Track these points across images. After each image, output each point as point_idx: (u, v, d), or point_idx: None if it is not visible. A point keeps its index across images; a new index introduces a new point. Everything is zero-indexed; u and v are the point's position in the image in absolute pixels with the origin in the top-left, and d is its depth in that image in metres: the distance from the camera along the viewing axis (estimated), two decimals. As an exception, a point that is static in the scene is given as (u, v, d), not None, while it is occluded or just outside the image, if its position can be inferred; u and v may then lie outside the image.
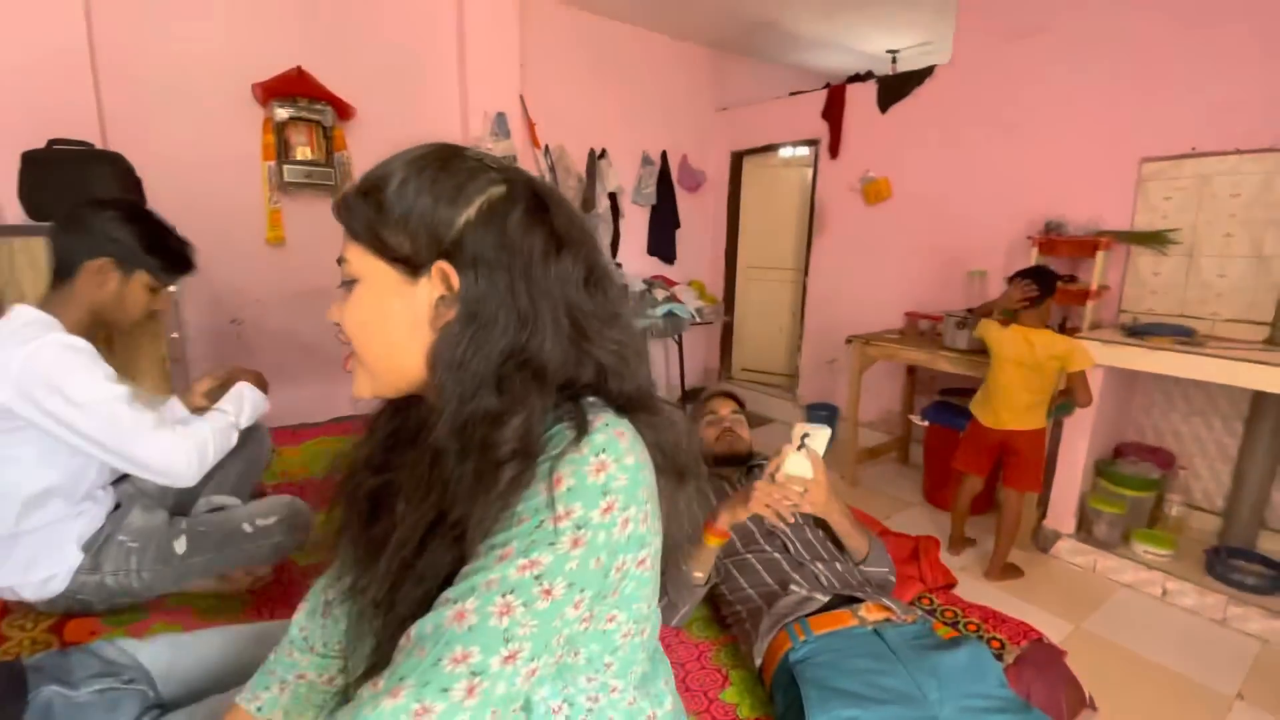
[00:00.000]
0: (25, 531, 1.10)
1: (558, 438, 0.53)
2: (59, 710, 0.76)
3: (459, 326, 0.54)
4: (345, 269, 0.58)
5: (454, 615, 0.49)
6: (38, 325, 1.08)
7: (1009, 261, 2.97)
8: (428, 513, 0.56)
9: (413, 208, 0.54)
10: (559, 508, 0.50)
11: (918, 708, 0.89)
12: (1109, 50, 2.57)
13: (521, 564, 0.49)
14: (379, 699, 0.47)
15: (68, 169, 2.01)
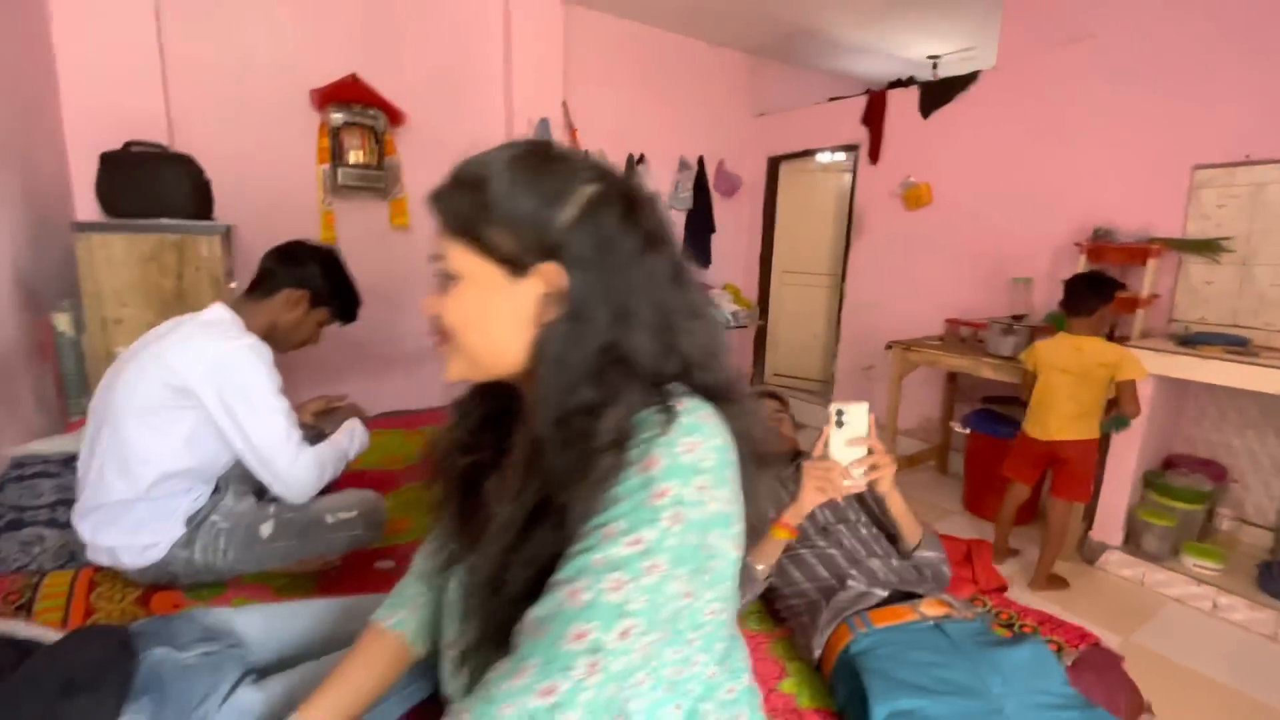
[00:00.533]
0: (148, 499, 1.19)
1: (647, 422, 0.55)
2: (167, 670, 0.81)
3: (562, 323, 0.57)
4: (444, 265, 0.59)
5: (568, 594, 0.51)
6: (232, 326, 1.26)
7: (1054, 268, 2.93)
8: (531, 498, 0.58)
9: (517, 209, 0.56)
10: (655, 487, 0.52)
11: (982, 701, 0.90)
12: (1160, 56, 2.54)
13: (627, 541, 0.51)
14: (505, 680, 0.50)
15: (143, 170, 2.11)
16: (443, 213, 0.60)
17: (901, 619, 1.03)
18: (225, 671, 0.84)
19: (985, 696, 0.91)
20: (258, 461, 1.23)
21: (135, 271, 2.04)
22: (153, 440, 1.18)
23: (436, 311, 0.62)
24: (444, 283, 0.60)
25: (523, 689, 0.49)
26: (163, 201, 2.09)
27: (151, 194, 2.08)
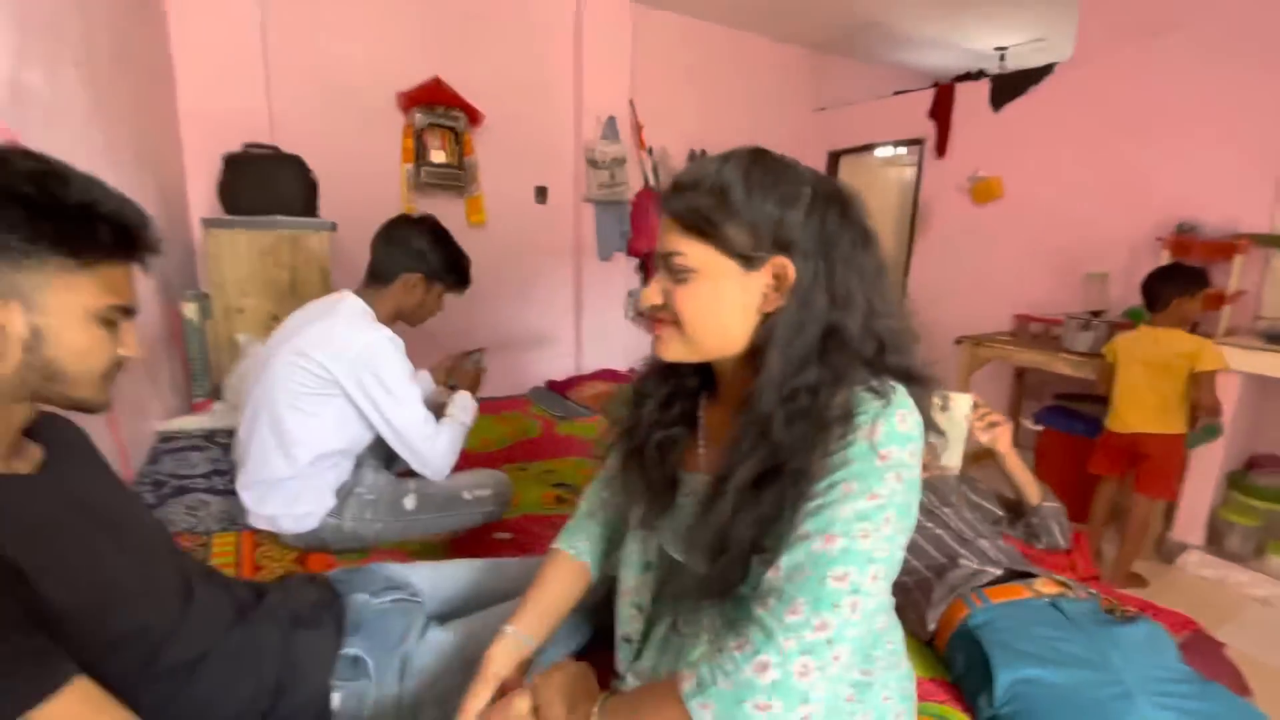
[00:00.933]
0: (303, 475, 1.32)
1: (863, 397, 0.63)
2: (368, 612, 0.93)
3: (788, 311, 0.65)
4: (679, 261, 0.66)
5: (825, 540, 0.58)
6: (367, 317, 1.37)
7: (1133, 263, 2.89)
8: (757, 465, 0.65)
9: (755, 210, 0.64)
10: (880, 450, 0.60)
11: (1102, 673, 0.95)
12: (1247, 47, 2.48)
13: (868, 496, 0.59)
14: (778, 616, 0.56)
15: (259, 169, 2.28)
16: (681, 213, 0.66)
17: (1018, 595, 1.09)
18: (413, 616, 0.95)
19: (1106, 669, 0.96)
20: (400, 444, 1.36)
21: (254, 264, 2.22)
22: (306, 424, 1.32)
23: (660, 302, 0.69)
24: (675, 276, 0.67)
25: (800, 624, 0.55)
26: (278, 200, 2.26)
27: (268, 192, 2.25)
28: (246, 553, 1.37)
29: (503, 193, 3.42)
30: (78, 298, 0.61)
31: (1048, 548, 1.31)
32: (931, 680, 1.10)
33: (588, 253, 3.72)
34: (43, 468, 0.68)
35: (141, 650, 0.68)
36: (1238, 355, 2.20)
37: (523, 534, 1.59)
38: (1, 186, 0.56)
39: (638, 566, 0.83)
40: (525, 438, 2.33)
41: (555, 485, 1.90)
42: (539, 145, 3.51)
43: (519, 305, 3.64)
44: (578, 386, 2.96)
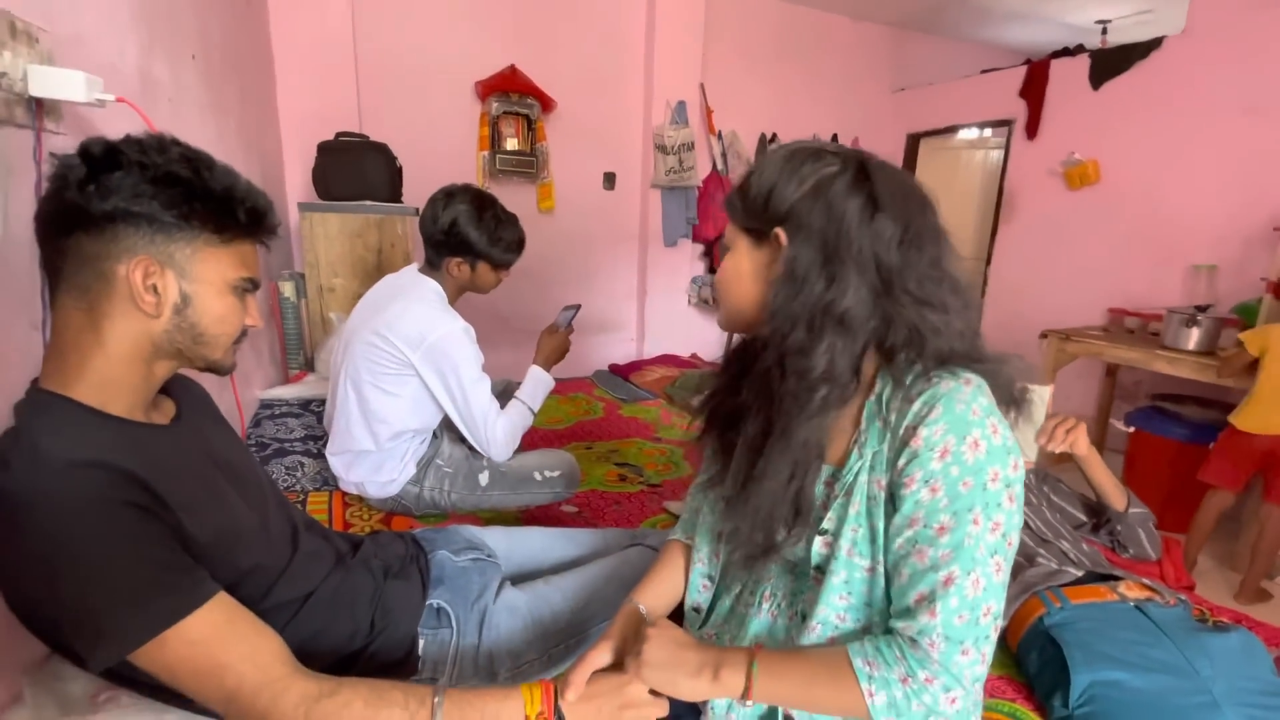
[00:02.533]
0: (386, 448, 1.42)
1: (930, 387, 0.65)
2: (450, 569, 0.99)
3: (780, 282, 0.68)
4: (724, 240, 0.76)
5: (972, 586, 0.62)
6: (441, 302, 1.44)
7: (1246, 255, 2.65)
8: (762, 423, 0.73)
9: (762, 188, 0.70)
10: (990, 470, 0.63)
11: (1189, 681, 0.91)
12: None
13: (992, 527, 0.63)
14: (953, 658, 0.61)
15: (349, 157, 2.41)
16: (735, 188, 0.74)
17: (1101, 598, 1.04)
18: (490, 575, 1.01)
19: (1193, 678, 0.91)
20: (464, 424, 1.42)
21: (345, 246, 2.36)
22: (387, 403, 1.40)
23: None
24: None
25: (972, 662, 0.62)
26: (366, 185, 2.38)
27: (358, 179, 2.38)
28: (338, 511, 1.49)
29: (572, 179, 3.48)
30: (219, 269, 0.69)
31: (1136, 558, 1.24)
32: (1001, 678, 1.08)
33: (653, 239, 3.74)
34: (175, 420, 0.76)
35: (258, 586, 0.76)
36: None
37: (588, 508, 1.65)
38: (163, 168, 0.64)
39: (709, 537, 0.86)
40: (589, 418, 2.40)
41: (618, 465, 1.95)
42: (608, 131, 3.54)
43: (584, 290, 3.70)
44: (640, 371, 3.00)
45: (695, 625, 0.87)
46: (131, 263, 0.63)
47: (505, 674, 0.93)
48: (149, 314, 0.65)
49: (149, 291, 0.64)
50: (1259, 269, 2.57)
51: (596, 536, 1.19)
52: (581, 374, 3.14)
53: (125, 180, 0.62)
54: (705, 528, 0.86)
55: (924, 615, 0.63)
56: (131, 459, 0.62)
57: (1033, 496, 1.31)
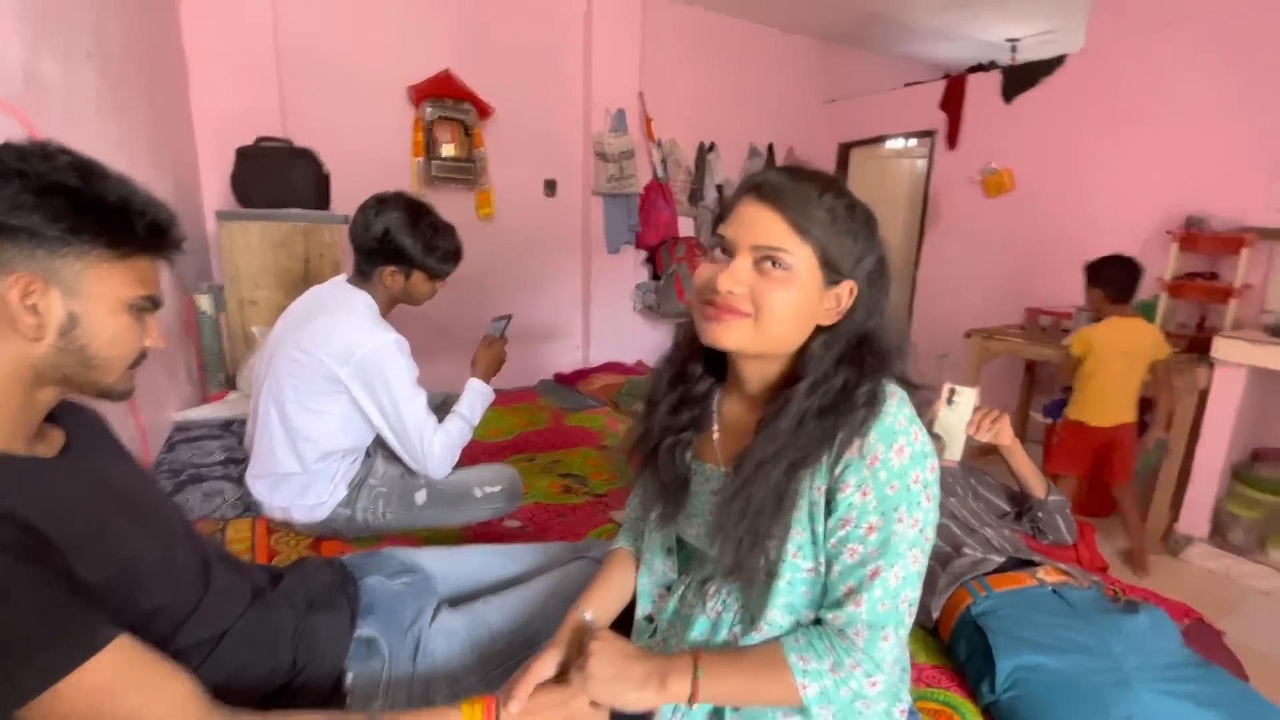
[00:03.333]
0: (313, 470, 1.34)
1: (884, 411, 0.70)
2: (381, 595, 0.95)
3: (842, 327, 0.73)
4: (783, 257, 0.68)
5: (893, 576, 0.68)
6: (371, 314, 1.35)
7: (1144, 256, 2.83)
8: (792, 455, 0.71)
9: (855, 242, 0.70)
10: (911, 473, 0.70)
11: (1104, 660, 0.96)
12: (1257, 40, 2.46)
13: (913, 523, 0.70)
14: (876, 646, 0.69)
15: (272, 163, 2.30)
16: (797, 215, 0.68)
17: (1021, 584, 1.10)
18: (425, 599, 0.98)
19: (1106, 656, 0.97)
20: (398, 445, 1.36)
21: (267, 257, 2.24)
22: (313, 422, 1.32)
23: (740, 289, 0.70)
24: (769, 270, 0.69)
25: (892, 646, 0.69)
26: (290, 192, 2.28)
27: (281, 185, 2.28)
28: (261, 539, 1.40)
29: (512, 186, 3.43)
30: (112, 287, 0.64)
31: (1054, 543, 1.32)
32: (935, 667, 1.12)
33: (596, 246, 3.74)
34: (64, 451, 0.70)
35: (166, 626, 0.70)
36: (1243, 349, 2.19)
37: (532, 522, 1.62)
38: (47, 178, 0.58)
39: (661, 552, 0.88)
40: (533, 429, 2.36)
41: (563, 475, 1.92)
42: (548, 138, 3.52)
43: (528, 298, 3.66)
44: (585, 379, 2.98)
45: (645, 635, 0.88)
46: (8, 280, 0.58)
47: (442, 701, 0.89)
48: (29, 336, 0.60)
49: (28, 312, 0.59)
50: (1156, 269, 2.79)
51: (538, 552, 1.17)
52: (526, 384, 3.09)
53: (3, 191, 0.57)
54: (656, 545, 0.88)
55: (851, 605, 0.70)
56: (11, 497, 0.57)
57: (959, 488, 1.37)
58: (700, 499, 0.83)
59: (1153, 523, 2.47)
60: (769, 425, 0.72)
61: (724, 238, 0.72)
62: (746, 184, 0.73)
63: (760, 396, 0.78)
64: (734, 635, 0.77)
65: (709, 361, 0.83)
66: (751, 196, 0.71)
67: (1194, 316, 2.71)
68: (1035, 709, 0.94)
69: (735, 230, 0.71)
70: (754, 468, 0.71)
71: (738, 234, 0.70)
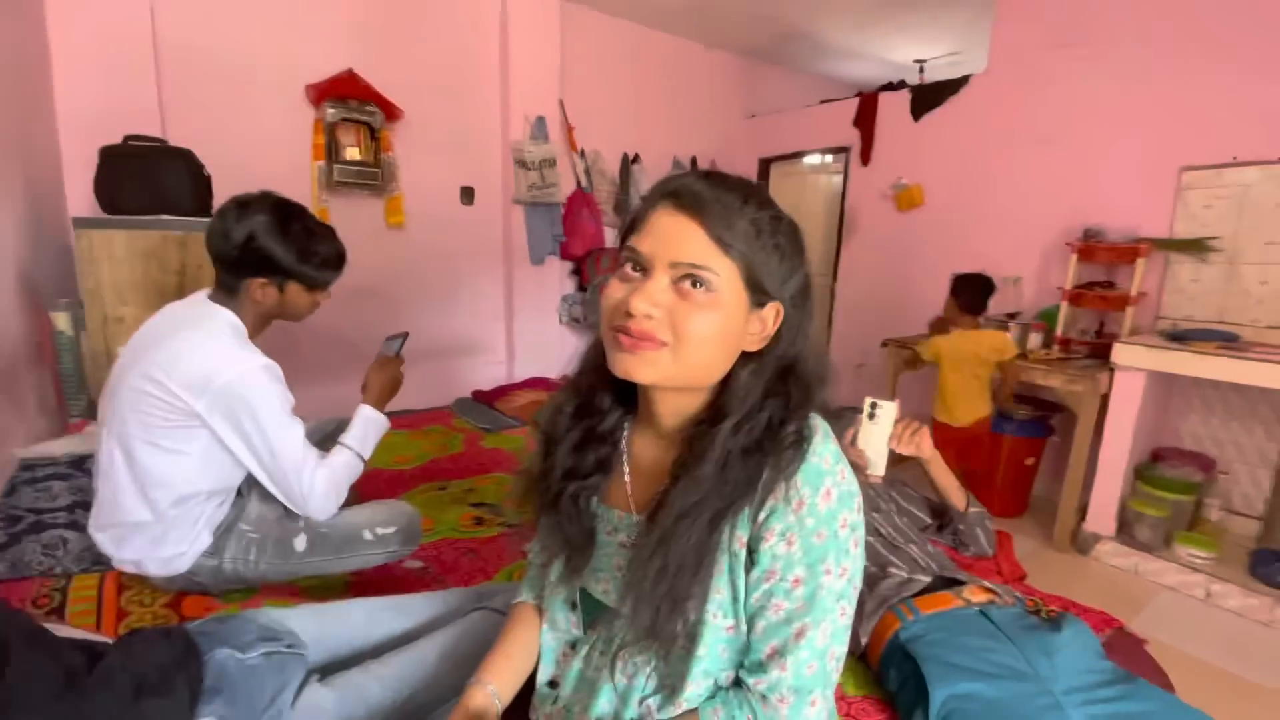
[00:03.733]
0: (168, 519, 1.14)
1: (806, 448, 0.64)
2: (233, 672, 0.79)
3: (769, 353, 0.66)
4: (707, 276, 0.59)
5: (821, 635, 0.62)
6: (235, 336, 1.16)
7: (1045, 267, 3.02)
8: (717, 503, 0.62)
9: (784, 259, 0.63)
10: (839, 518, 0.63)
11: (1033, 683, 0.93)
12: (1149, 60, 2.63)
13: (840, 572, 0.63)
14: (802, 712, 0.62)
15: (142, 164, 2.05)
16: (722, 226, 0.60)
17: (948, 605, 1.06)
18: (290, 671, 0.83)
19: (1035, 680, 0.94)
20: (273, 485, 1.18)
21: (136, 269, 1.99)
22: (167, 463, 1.13)
23: (657, 312, 0.60)
24: (690, 292, 0.60)
25: (819, 712, 0.63)
26: (164, 197, 2.04)
27: (152, 189, 2.03)
28: (110, 597, 1.20)
29: (425, 193, 3.25)
30: None
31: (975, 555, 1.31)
32: (865, 698, 1.06)
33: (519, 256, 3.60)
34: None
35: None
36: (1141, 354, 2.31)
37: (436, 562, 1.47)
38: None
39: (564, 607, 0.77)
40: (445, 454, 2.19)
41: (475, 505, 1.78)
42: (463, 144, 3.37)
43: (444, 311, 3.47)
44: (506, 396, 2.83)
45: (548, 702, 0.77)
46: None
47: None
48: None
49: None
50: (1056, 279, 2.94)
51: (434, 602, 1.03)
52: (440, 403, 2.91)
53: None
54: (558, 599, 0.77)
55: (775, 669, 0.63)
56: None
57: (883, 503, 1.34)
58: (607, 549, 0.72)
59: (1062, 523, 2.56)
60: (689, 470, 0.63)
61: (636, 251, 0.62)
62: (660, 189, 0.64)
63: (676, 433, 0.68)
64: (647, 709, 0.67)
65: (619, 391, 0.73)
66: (668, 205, 0.62)
67: (1094, 324, 2.86)
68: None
69: (650, 244, 0.61)
70: (673, 521, 0.62)
71: (654, 248, 0.61)
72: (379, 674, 0.85)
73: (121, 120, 2.31)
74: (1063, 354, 2.68)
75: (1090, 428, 2.48)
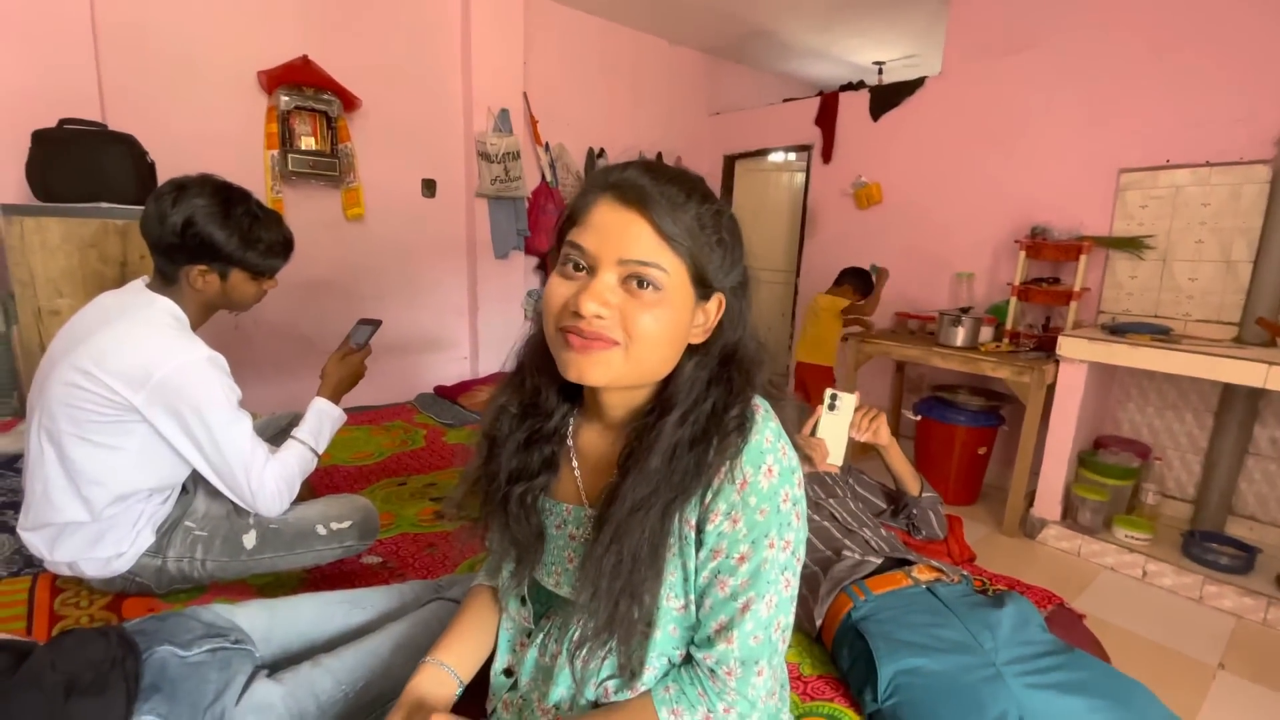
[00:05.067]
0: (105, 519, 1.10)
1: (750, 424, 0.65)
2: (174, 669, 0.77)
3: (713, 344, 0.67)
4: (655, 274, 0.58)
5: (765, 606, 0.63)
6: (175, 327, 1.11)
7: (996, 263, 3.12)
8: (667, 496, 0.62)
9: (727, 249, 0.64)
10: (781, 492, 0.64)
11: (976, 655, 0.97)
12: (1092, 68, 2.75)
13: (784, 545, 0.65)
14: (749, 683, 0.64)
15: (80, 149, 1.96)
16: (668, 221, 0.59)
17: (897, 585, 1.09)
18: (235, 667, 0.80)
19: (978, 652, 0.98)
20: (220, 482, 1.14)
21: (74, 259, 1.90)
22: (102, 460, 1.07)
23: (607, 312, 0.59)
24: (638, 290, 0.59)
25: (765, 682, 0.65)
26: (103, 184, 1.95)
27: (91, 176, 1.94)
28: (43, 601, 1.14)
29: (385, 185, 3.19)
30: None
31: (927, 538, 1.36)
32: (820, 678, 1.08)
33: (482, 251, 3.55)
34: None
35: None
36: (1083, 346, 2.41)
37: (395, 556, 1.45)
38: None
39: (515, 600, 0.77)
40: (407, 449, 2.16)
41: (435, 500, 1.75)
42: (425, 135, 3.30)
43: (406, 306, 3.40)
44: (469, 391, 2.80)
45: (504, 690, 0.77)
46: None
47: (250, 796, 0.73)
48: None
49: None
50: (1006, 275, 3.05)
51: (389, 595, 1.01)
52: (403, 398, 2.86)
53: None
54: (511, 594, 0.77)
55: (722, 643, 0.64)
56: None
57: (840, 489, 1.37)
58: (557, 543, 0.72)
59: (1011, 508, 2.66)
60: (638, 463, 0.63)
61: (580, 248, 0.60)
62: (600, 181, 0.61)
63: (623, 424, 0.69)
64: (605, 690, 0.68)
65: (563, 386, 0.71)
66: (611, 198, 0.60)
67: (1040, 318, 2.98)
68: (917, 713, 0.93)
69: (595, 240, 0.59)
70: (626, 514, 0.61)
71: (599, 245, 0.59)
72: (330, 667, 0.83)
73: (57, 104, 2.20)
74: (1012, 347, 2.78)
75: (1037, 417, 2.58)
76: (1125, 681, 0.98)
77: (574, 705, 0.70)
